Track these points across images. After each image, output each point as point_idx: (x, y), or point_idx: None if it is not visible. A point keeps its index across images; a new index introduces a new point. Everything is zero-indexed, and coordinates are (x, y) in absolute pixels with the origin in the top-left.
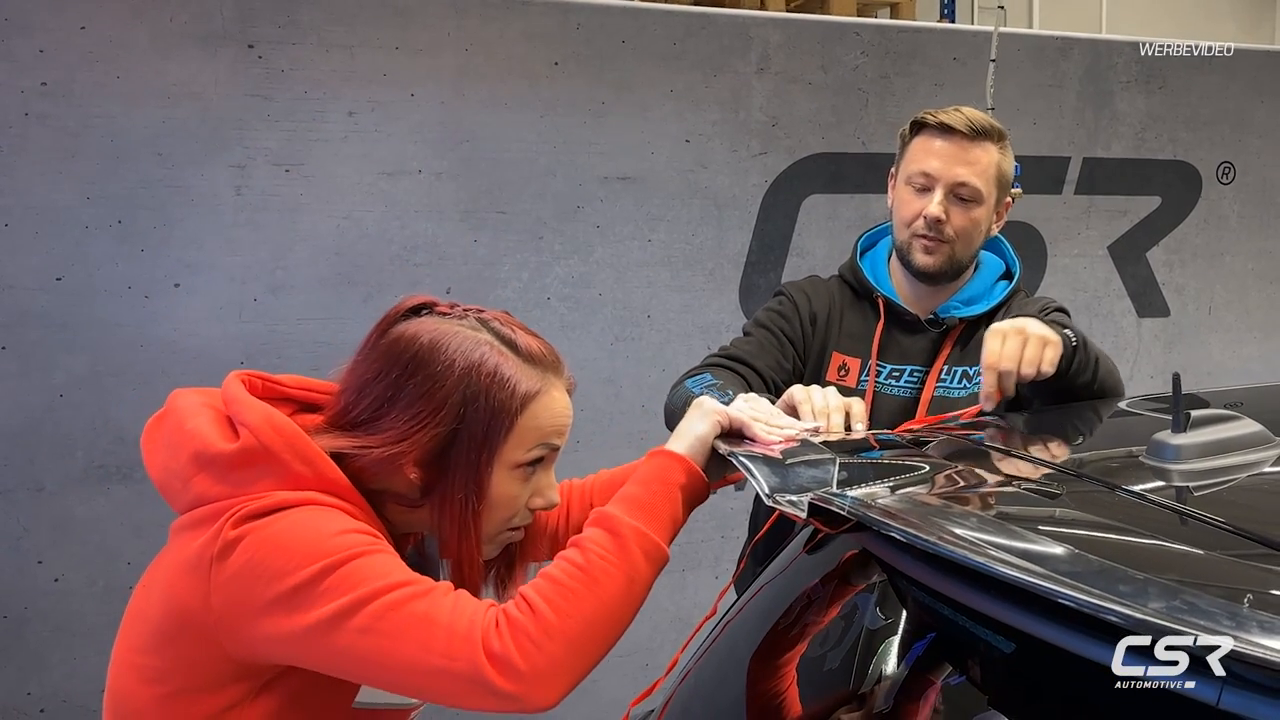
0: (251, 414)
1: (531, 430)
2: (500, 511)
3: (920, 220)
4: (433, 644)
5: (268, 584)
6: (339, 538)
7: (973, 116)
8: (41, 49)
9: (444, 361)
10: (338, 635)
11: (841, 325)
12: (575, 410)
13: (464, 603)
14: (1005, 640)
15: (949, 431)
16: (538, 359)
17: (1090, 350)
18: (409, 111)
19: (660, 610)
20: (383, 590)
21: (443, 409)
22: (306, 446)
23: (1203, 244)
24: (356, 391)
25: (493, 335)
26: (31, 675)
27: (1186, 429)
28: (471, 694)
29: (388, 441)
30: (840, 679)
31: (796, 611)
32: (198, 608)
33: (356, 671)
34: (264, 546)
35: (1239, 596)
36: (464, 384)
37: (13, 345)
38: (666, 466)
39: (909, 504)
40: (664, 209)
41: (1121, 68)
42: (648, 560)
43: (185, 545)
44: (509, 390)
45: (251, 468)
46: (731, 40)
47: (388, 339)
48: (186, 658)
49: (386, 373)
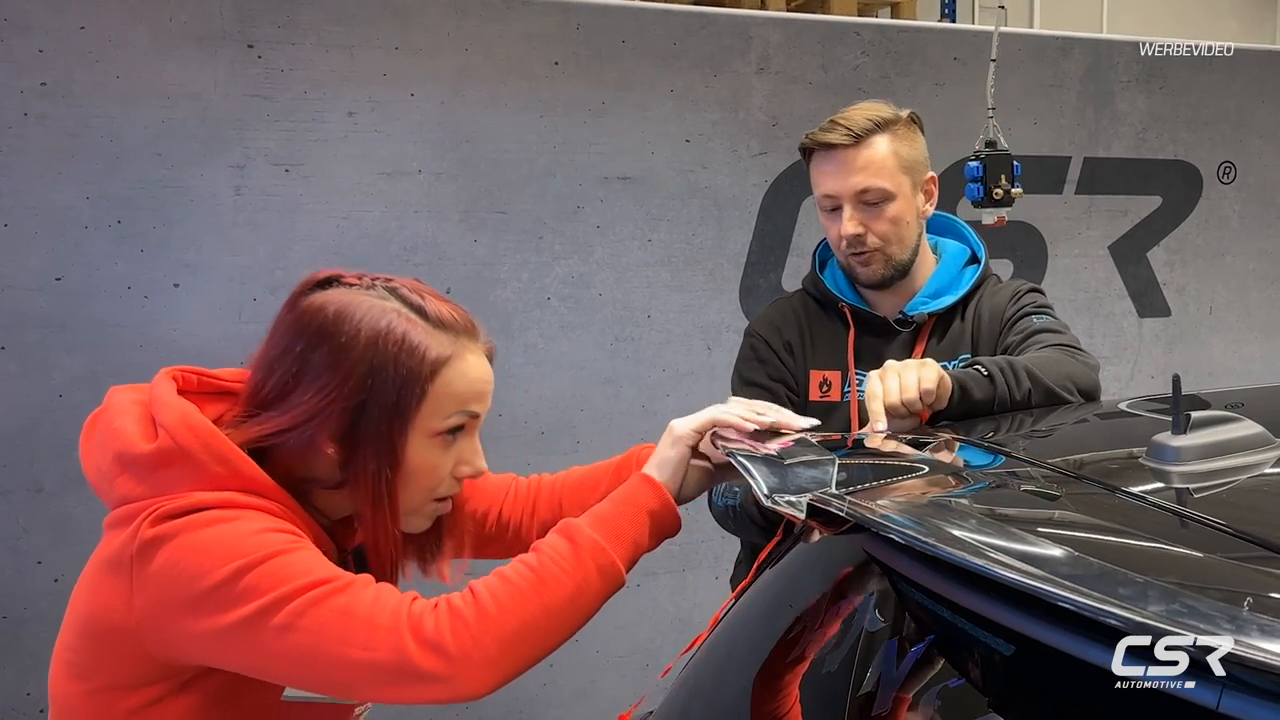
0: (168, 414)
1: (446, 397)
2: (422, 481)
3: (843, 241)
4: (353, 637)
5: (187, 585)
6: (257, 537)
7: (851, 121)
8: (41, 49)
9: (349, 331)
10: (258, 635)
11: (815, 341)
12: (574, 410)
13: (385, 595)
14: (1004, 642)
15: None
16: (449, 324)
17: (1017, 372)
18: (409, 111)
19: (660, 611)
20: (302, 589)
21: (350, 379)
22: (222, 445)
23: (1204, 244)
24: (266, 369)
25: (400, 302)
26: (30, 676)
27: (1187, 431)
28: (396, 681)
29: (298, 418)
30: (839, 681)
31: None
32: (119, 607)
33: (280, 671)
34: (182, 548)
35: (1239, 600)
36: (371, 352)
37: (12, 346)
38: (639, 490)
39: (907, 505)
40: (664, 209)
41: (1122, 67)
42: (601, 576)
43: (108, 544)
44: (418, 357)
45: (169, 468)
46: (731, 40)
47: (294, 313)
48: (108, 655)
49: (292, 347)
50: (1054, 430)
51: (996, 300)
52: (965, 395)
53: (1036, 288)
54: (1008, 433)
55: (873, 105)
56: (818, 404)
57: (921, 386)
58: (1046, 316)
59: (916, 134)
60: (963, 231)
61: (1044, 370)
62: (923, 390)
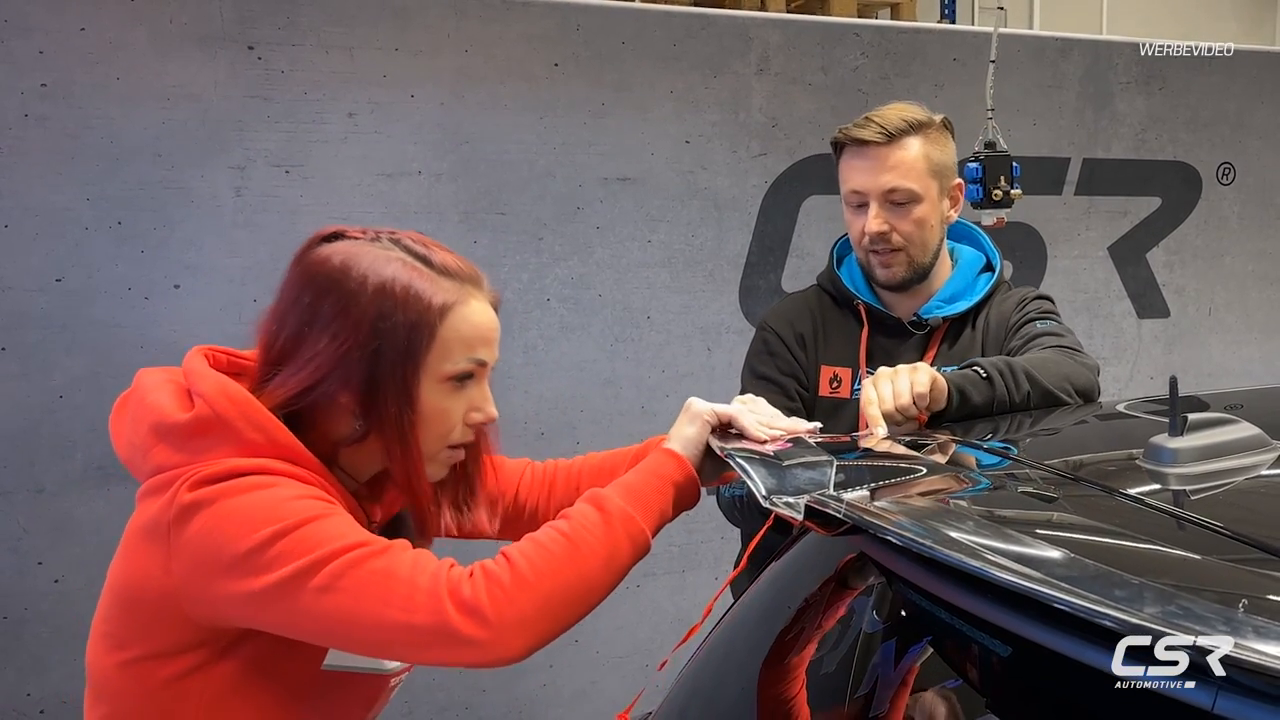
0: (206, 384)
1: (454, 341)
2: (435, 426)
3: (866, 237)
4: (393, 599)
5: (226, 548)
6: (294, 502)
7: (886, 119)
8: (41, 50)
9: (356, 279)
10: (297, 597)
11: (827, 337)
12: (574, 410)
13: (424, 559)
14: (1001, 644)
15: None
16: (453, 272)
17: (1015, 373)
18: (409, 113)
19: (660, 611)
20: (340, 550)
21: (361, 326)
22: (259, 413)
23: (1203, 245)
24: (277, 324)
25: (404, 252)
26: (31, 676)
27: (1184, 432)
28: (435, 645)
29: (317, 373)
30: (837, 682)
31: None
32: (157, 573)
33: (318, 632)
34: (221, 512)
35: (1234, 601)
36: (379, 299)
37: (12, 346)
38: (665, 463)
39: (906, 507)
40: (664, 210)
41: (1121, 68)
42: (631, 544)
43: (144, 512)
44: (424, 303)
45: (206, 436)
46: (731, 41)
47: (300, 266)
48: (146, 622)
49: (300, 299)
50: (1052, 432)
51: (1004, 307)
52: (964, 399)
53: (1044, 295)
54: (1006, 435)
55: (907, 106)
56: (827, 399)
57: (914, 391)
58: (1050, 321)
59: (948, 139)
60: (979, 238)
61: (1042, 371)
62: (916, 394)
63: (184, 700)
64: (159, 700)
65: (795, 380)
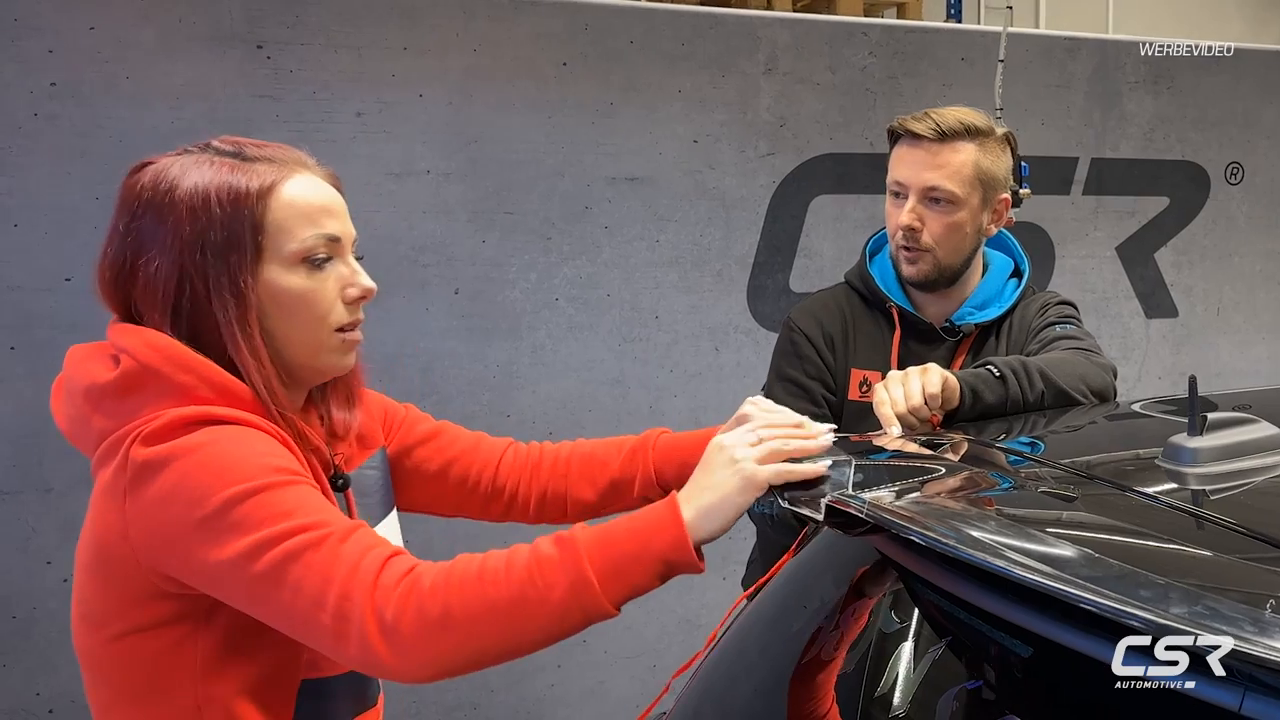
0: (128, 338)
1: (289, 219)
2: (310, 310)
3: (899, 231)
4: (326, 601)
5: (181, 512)
6: (246, 465)
7: (943, 119)
8: (50, 49)
9: (165, 189)
10: (242, 575)
11: (857, 339)
12: (582, 410)
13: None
14: (1022, 644)
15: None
16: (269, 157)
17: (1030, 373)
18: (417, 112)
19: (668, 612)
20: (285, 533)
21: (181, 230)
22: (185, 355)
23: (1211, 245)
24: (108, 262)
25: (214, 154)
26: (40, 676)
27: (1203, 432)
28: (355, 656)
29: (165, 295)
30: (855, 683)
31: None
32: (116, 539)
33: (258, 614)
34: (174, 474)
35: (1261, 601)
36: (191, 200)
37: (21, 346)
38: (663, 536)
39: (926, 506)
40: (672, 209)
41: (1129, 68)
42: (583, 618)
43: (101, 481)
44: (240, 190)
45: (140, 390)
46: (739, 41)
47: (117, 200)
48: (119, 596)
49: (120, 229)
50: (1070, 432)
51: (1027, 313)
52: (976, 398)
53: (1067, 300)
54: (1024, 435)
55: (971, 111)
56: (856, 403)
57: (926, 392)
58: (1070, 325)
59: (1004, 153)
60: (1009, 244)
61: (1057, 371)
62: (928, 395)
63: (178, 670)
64: (153, 673)
65: (821, 384)
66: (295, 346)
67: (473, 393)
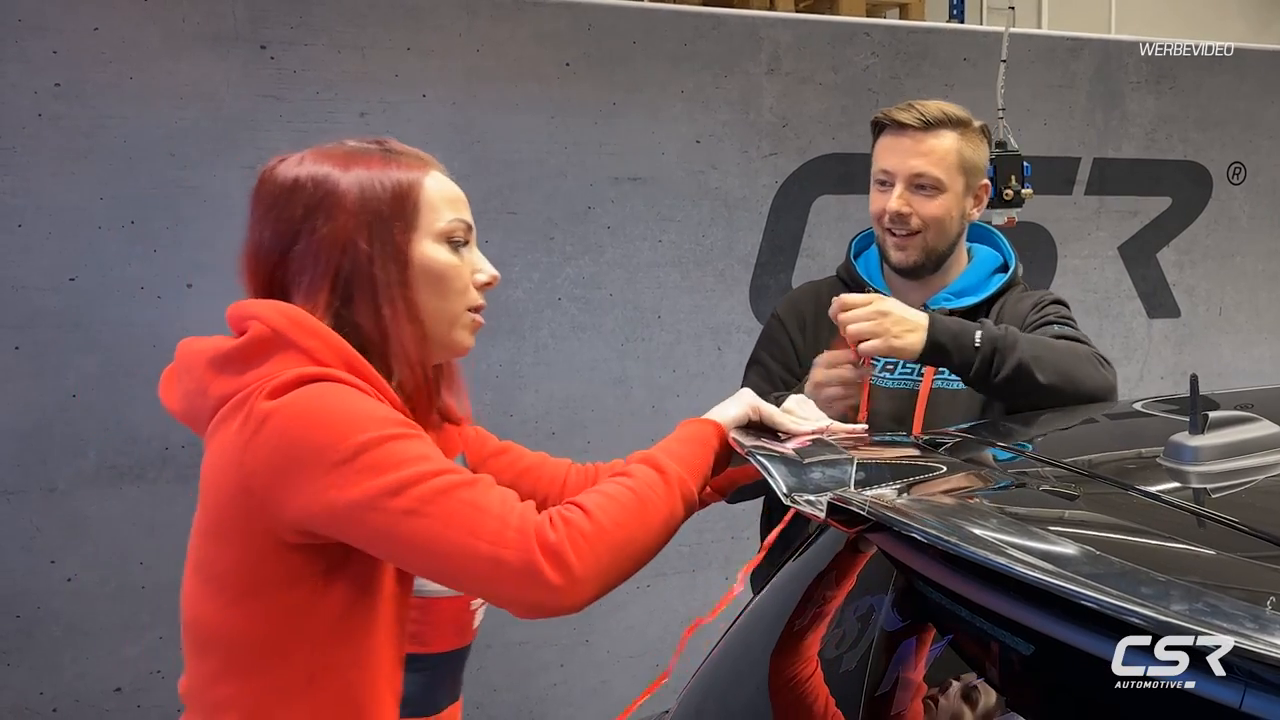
0: (259, 307)
1: (437, 201)
2: (451, 283)
3: (886, 216)
4: (482, 531)
5: (308, 451)
6: (378, 414)
7: (926, 108)
8: (54, 50)
9: (325, 172)
10: (382, 516)
11: (831, 322)
12: (585, 410)
13: (510, 496)
14: (1024, 641)
15: None
16: (410, 153)
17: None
18: (420, 112)
19: (671, 611)
20: (429, 474)
21: (348, 202)
22: (316, 324)
23: (1213, 245)
24: (265, 248)
25: (358, 143)
26: (44, 675)
27: (1204, 431)
28: (515, 583)
29: (325, 270)
30: (856, 681)
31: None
32: (236, 494)
33: (396, 553)
34: (302, 414)
35: (1262, 599)
36: (357, 178)
37: (25, 345)
38: (703, 430)
39: (927, 504)
40: (674, 210)
41: (1132, 68)
42: (685, 506)
43: (220, 442)
44: (398, 172)
45: (267, 353)
46: (742, 41)
47: (264, 190)
48: (238, 554)
49: (279, 215)
50: (1071, 430)
51: (1020, 307)
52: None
53: (1061, 299)
54: (1026, 433)
55: (949, 104)
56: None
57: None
58: (1068, 326)
59: (982, 143)
60: (997, 241)
61: (1041, 364)
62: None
63: (296, 636)
64: (271, 639)
65: (784, 366)
66: (434, 318)
67: (475, 392)
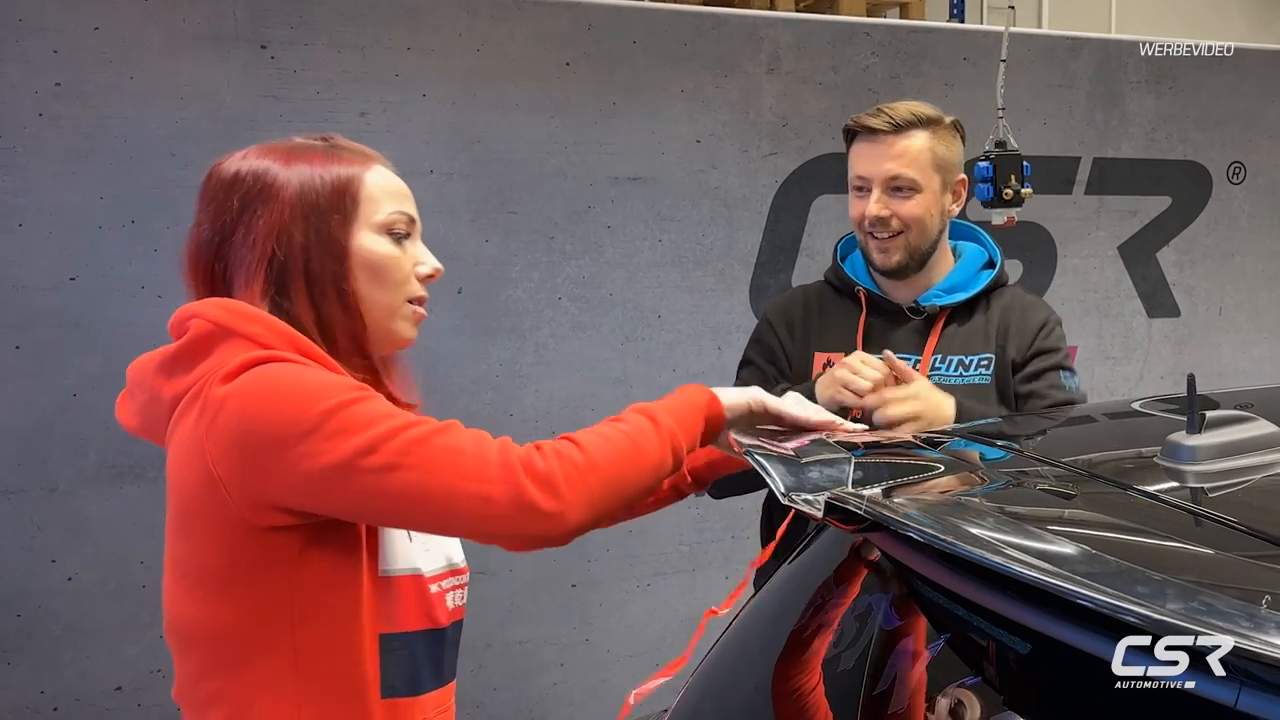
0: (198, 306)
1: (377, 194)
2: (390, 274)
3: (866, 220)
4: (465, 472)
5: (273, 428)
6: (331, 383)
7: (895, 111)
8: (55, 50)
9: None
10: (360, 476)
11: (821, 324)
12: (585, 410)
13: (484, 436)
14: (1021, 640)
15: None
16: (354, 149)
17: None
18: (420, 112)
19: (670, 610)
20: (399, 429)
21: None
22: (256, 311)
23: (1213, 244)
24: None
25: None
26: (45, 674)
27: (1202, 430)
28: (508, 517)
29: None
30: (854, 680)
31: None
32: (201, 486)
33: (381, 510)
34: (255, 400)
35: (1257, 598)
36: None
37: (26, 345)
38: (698, 394)
39: (924, 503)
40: (674, 209)
41: (1131, 68)
42: (674, 459)
43: (180, 437)
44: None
45: (212, 347)
46: (742, 41)
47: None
48: (212, 545)
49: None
50: (1069, 430)
51: (1028, 319)
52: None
53: (1059, 325)
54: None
55: (918, 103)
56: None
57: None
58: (1073, 378)
59: (955, 139)
60: (981, 238)
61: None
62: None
63: (278, 623)
64: (253, 628)
65: (775, 367)
66: (374, 310)
67: (476, 392)
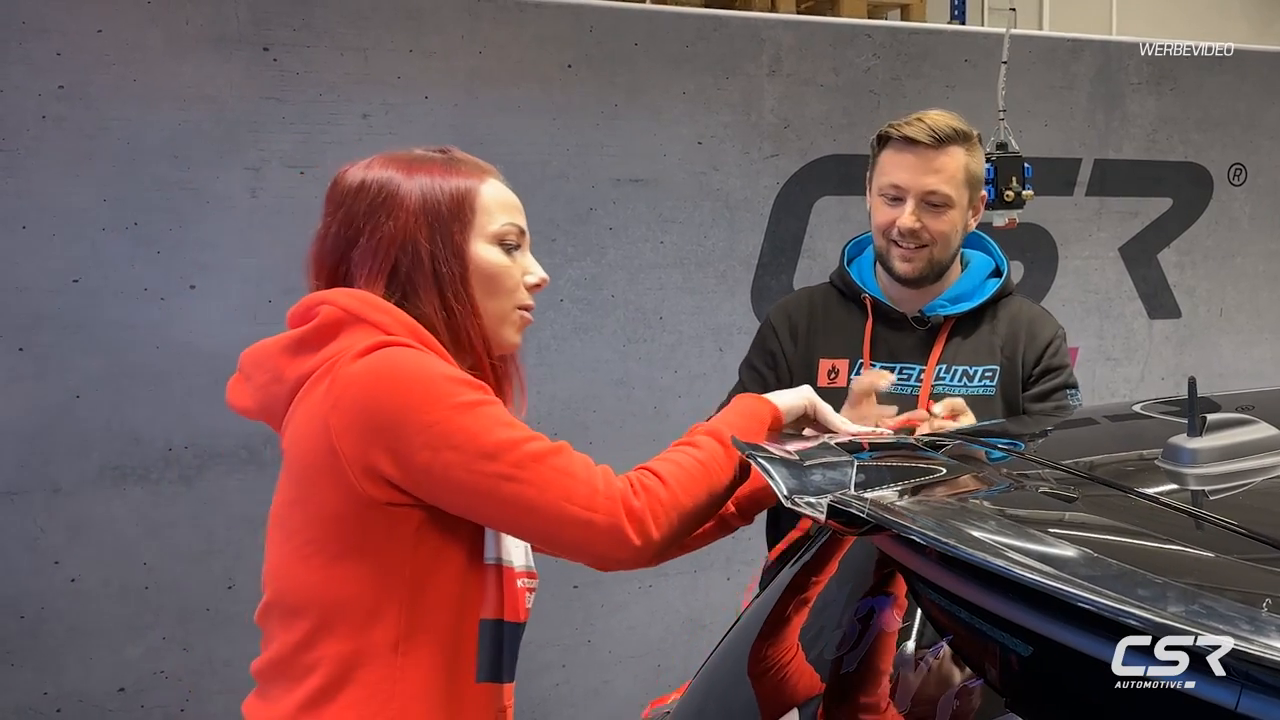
0: (327, 294)
1: (492, 206)
2: (502, 282)
3: (895, 229)
4: (575, 497)
5: (395, 419)
6: (457, 379)
7: (935, 124)
8: (58, 52)
9: (389, 176)
10: (477, 479)
11: (826, 330)
12: (586, 411)
13: (590, 462)
14: (1022, 643)
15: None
16: (471, 161)
17: None
18: (423, 114)
19: (672, 612)
20: (519, 440)
21: (411, 203)
22: (384, 303)
23: (1214, 245)
24: (332, 240)
25: (424, 150)
26: (48, 676)
27: (1203, 433)
28: (604, 544)
29: (384, 259)
30: (857, 681)
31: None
32: (321, 458)
33: (490, 514)
34: (383, 382)
35: (1258, 601)
36: (419, 182)
37: (29, 347)
38: (760, 407)
39: (927, 506)
40: (676, 211)
41: (1132, 69)
42: (741, 475)
43: (305, 411)
44: (459, 177)
45: (340, 331)
46: (743, 43)
47: (336, 191)
48: (330, 512)
49: (347, 210)
50: (1071, 432)
51: (1038, 333)
52: None
53: (1064, 335)
54: (1025, 436)
55: (951, 115)
56: (825, 390)
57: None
58: (1078, 400)
59: (981, 153)
60: (989, 246)
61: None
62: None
63: (391, 595)
64: (367, 598)
65: (776, 374)
66: (486, 315)
67: None
